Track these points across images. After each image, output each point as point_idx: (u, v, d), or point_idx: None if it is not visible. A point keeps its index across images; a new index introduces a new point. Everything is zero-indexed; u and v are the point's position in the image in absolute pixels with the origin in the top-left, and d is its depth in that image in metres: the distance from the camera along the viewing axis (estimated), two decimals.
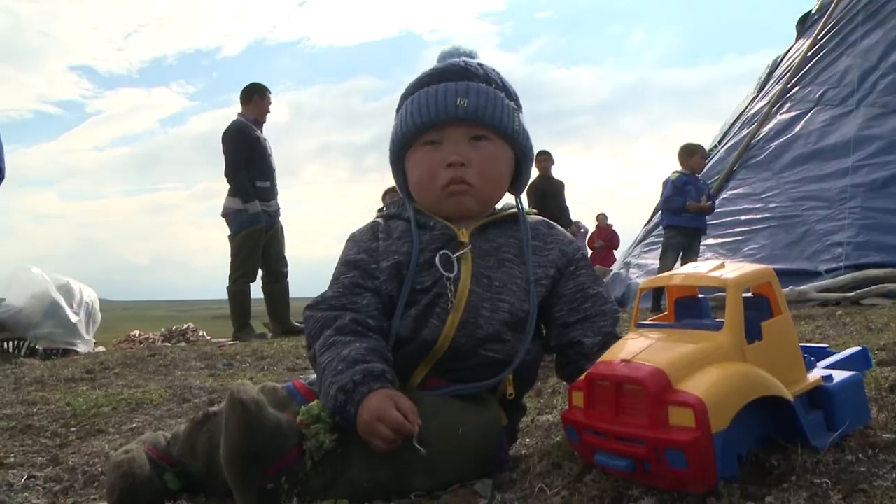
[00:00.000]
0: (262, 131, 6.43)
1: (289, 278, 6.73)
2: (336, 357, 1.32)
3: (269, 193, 6.42)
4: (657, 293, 5.42)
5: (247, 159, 6.19)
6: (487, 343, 1.43)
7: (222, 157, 6.31)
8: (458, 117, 1.46)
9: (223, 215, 6.38)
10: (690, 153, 6.74)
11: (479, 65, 1.52)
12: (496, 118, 1.47)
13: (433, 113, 1.46)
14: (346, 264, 1.49)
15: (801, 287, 6.04)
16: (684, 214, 6.56)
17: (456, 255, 1.44)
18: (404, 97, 1.54)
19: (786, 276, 6.25)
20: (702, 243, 7.21)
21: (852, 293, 5.79)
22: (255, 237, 6.27)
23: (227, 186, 6.32)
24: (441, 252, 1.44)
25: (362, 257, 1.49)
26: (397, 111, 1.56)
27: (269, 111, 6.55)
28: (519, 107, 1.53)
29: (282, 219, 6.67)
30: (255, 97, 6.42)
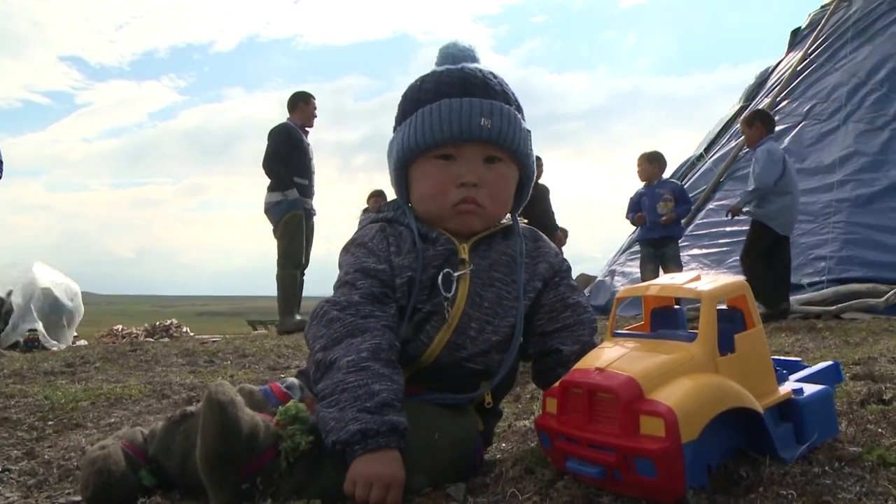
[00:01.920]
0: (307, 137, 6.83)
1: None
2: (366, 388, 1.25)
3: (307, 191, 6.75)
4: None
5: (287, 157, 6.55)
6: (470, 359, 1.43)
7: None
8: (480, 138, 1.43)
9: (265, 211, 6.66)
10: (639, 163, 6.83)
11: (493, 75, 1.49)
12: (515, 143, 1.46)
13: (456, 130, 1.42)
14: (365, 273, 1.43)
15: None
16: (646, 226, 6.67)
17: (457, 274, 1.43)
18: (419, 101, 1.48)
19: None
20: (686, 253, 7.26)
21: (833, 307, 5.85)
22: (297, 220, 6.53)
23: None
24: (444, 271, 1.43)
25: (384, 268, 1.43)
26: (404, 111, 1.51)
27: (315, 115, 6.94)
28: (521, 113, 1.52)
29: (320, 217, 7.03)
30: (301, 104, 6.84)
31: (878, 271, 6.21)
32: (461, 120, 1.42)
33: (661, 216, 6.53)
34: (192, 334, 9.19)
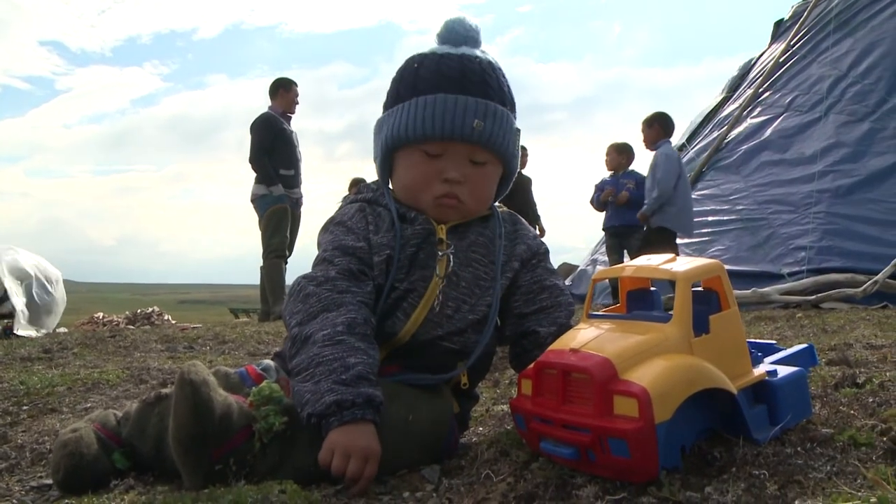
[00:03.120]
0: (289, 123, 6.85)
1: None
2: (341, 361, 1.26)
3: (294, 181, 6.81)
4: (615, 287, 5.58)
5: (271, 148, 6.60)
6: (447, 337, 1.44)
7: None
8: (471, 140, 1.43)
9: (251, 201, 6.74)
10: (608, 152, 7.00)
11: (492, 67, 1.48)
12: (503, 146, 1.47)
13: (448, 129, 1.41)
14: (343, 250, 1.44)
15: (764, 289, 6.12)
16: (608, 215, 6.84)
17: (441, 255, 1.45)
18: (415, 88, 1.45)
19: (749, 278, 6.34)
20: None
21: (812, 297, 5.89)
22: (280, 214, 6.62)
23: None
24: (425, 252, 1.45)
25: (363, 246, 1.44)
26: (398, 94, 1.49)
27: (296, 102, 6.95)
28: (514, 109, 1.52)
29: (303, 208, 7.04)
30: (281, 90, 6.86)
31: (856, 261, 6.25)
32: (454, 119, 1.41)
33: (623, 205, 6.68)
34: (173, 322, 9.12)
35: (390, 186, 1.55)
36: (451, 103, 1.41)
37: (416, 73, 1.47)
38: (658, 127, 6.29)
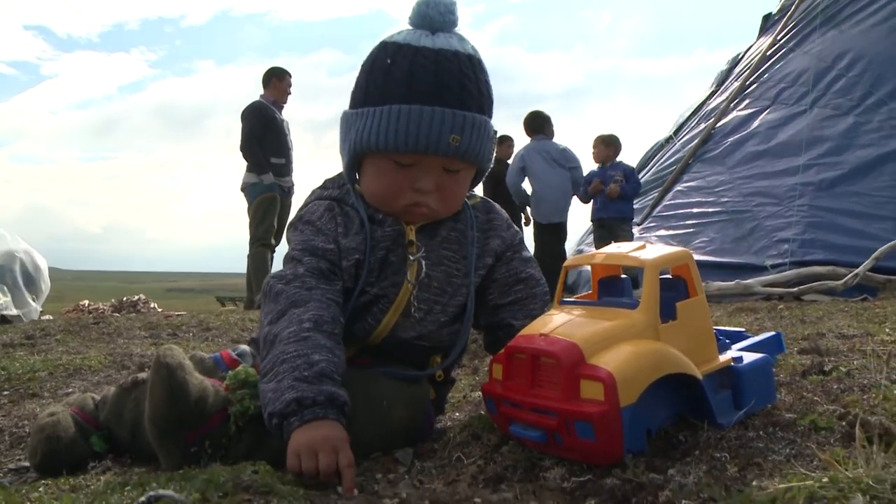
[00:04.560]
0: (281, 112, 6.86)
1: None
2: (305, 357, 1.21)
3: (285, 170, 6.81)
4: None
5: (262, 136, 6.62)
6: (419, 338, 1.44)
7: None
8: (447, 154, 1.34)
9: (241, 189, 6.75)
10: (594, 145, 7.10)
11: (469, 62, 1.36)
12: (480, 156, 1.39)
13: (422, 145, 1.31)
14: (312, 251, 1.38)
15: (747, 281, 6.17)
16: (596, 206, 6.90)
17: (412, 259, 1.41)
18: (386, 91, 1.34)
19: (732, 270, 6.39)
20: (654, 234, 7.34)
21: (795, 289, 5.95)
22: (268, 202, 6.62)
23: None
24: (396, 255, 1.42)
25: (332, 248, 1.39)
26: (367, 94, 1.38)
27: (288, 92, 6.96)
28: (492, 108, 1.42)
29: (294, 198, 7.00)
30: (274, 79, 6.84)
31: (838, 254, 6.30)
32: (429, 135, 1.31)
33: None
34: (160, 310, 9.10)
35: (357, 186, 1.48)
36: (427, 117, 1.30)
37: (388, 72, 1.34)
38: (527, 126, 6.86)
